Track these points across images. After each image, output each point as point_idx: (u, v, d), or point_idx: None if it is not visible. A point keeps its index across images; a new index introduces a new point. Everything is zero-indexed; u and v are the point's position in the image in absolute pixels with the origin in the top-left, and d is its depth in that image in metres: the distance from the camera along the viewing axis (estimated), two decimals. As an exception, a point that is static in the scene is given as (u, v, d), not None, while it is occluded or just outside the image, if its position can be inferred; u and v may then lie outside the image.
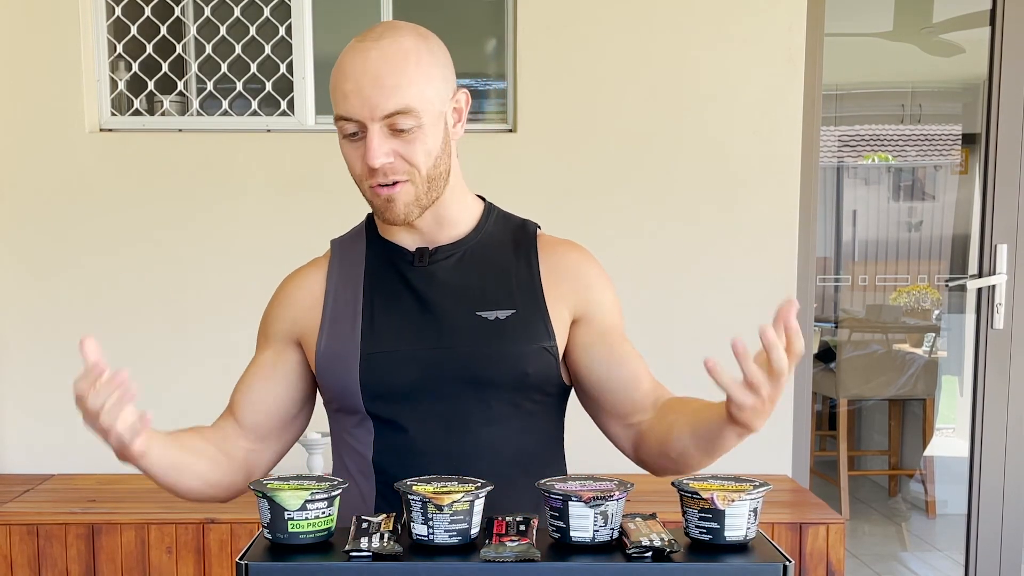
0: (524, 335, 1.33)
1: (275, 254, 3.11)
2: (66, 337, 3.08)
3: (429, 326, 1.33)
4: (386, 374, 1.32)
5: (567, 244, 1.43)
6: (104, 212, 3.00)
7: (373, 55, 1.25)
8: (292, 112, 3.05)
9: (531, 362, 1.33)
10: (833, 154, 6.06)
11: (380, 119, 1.24)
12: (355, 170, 1.31)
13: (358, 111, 1.25)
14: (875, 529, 4.31)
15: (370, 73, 1.24)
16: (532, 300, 1.36)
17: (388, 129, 1.25)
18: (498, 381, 1.32)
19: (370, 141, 1.25)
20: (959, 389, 4.57)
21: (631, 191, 3.02)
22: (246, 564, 1.02)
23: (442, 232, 1.38)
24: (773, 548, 1.08)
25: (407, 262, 1.37)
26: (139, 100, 3.09)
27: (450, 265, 1.37)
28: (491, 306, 1.34)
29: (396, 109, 1.24)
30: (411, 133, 1.26)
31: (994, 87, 3.08)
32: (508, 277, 1.37)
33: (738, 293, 3.02)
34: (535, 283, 1.37)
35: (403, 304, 1.35)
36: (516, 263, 1.38)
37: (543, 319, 1.35)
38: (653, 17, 2.98)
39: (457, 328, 1.33)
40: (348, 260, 1.41)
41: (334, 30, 3.13)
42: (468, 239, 1.39)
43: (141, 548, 2.54)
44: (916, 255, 6.09)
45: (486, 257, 1.38)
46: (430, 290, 1.35)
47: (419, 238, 1.38)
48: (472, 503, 1.05)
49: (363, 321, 1.35)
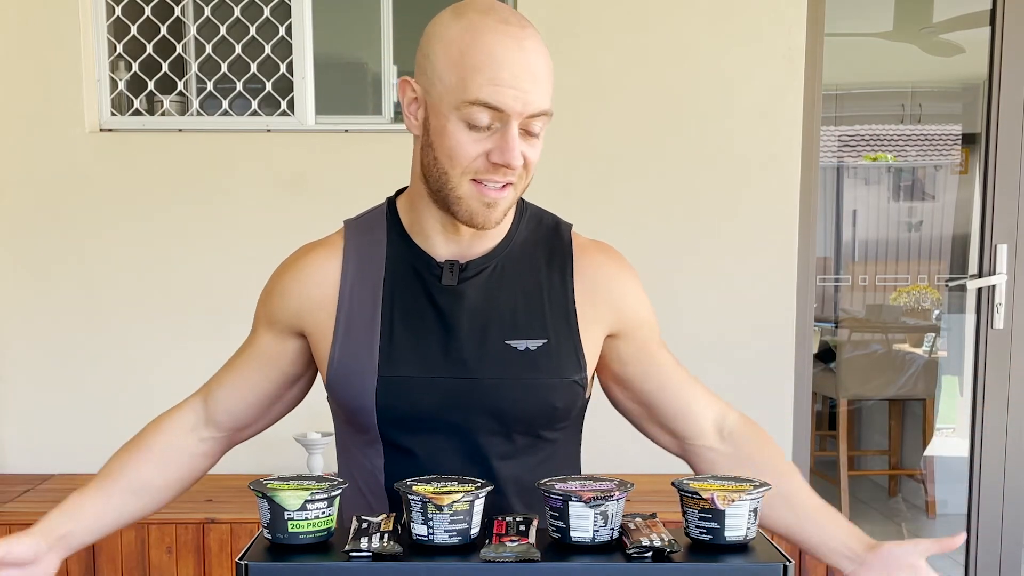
0: (555, 369, 1.24)
1: (275, 254, 3.11)
2: (66, 337, 3.10)
3: (454, 352, 1.23)
4: (404, 401, 1.23)
5: (603, 253, 1.33)
6: (104, 212, 3.00)
7: (529, 45, 1.15)
8: (292, 112, 3.05)
9: (560, 396, 1.25)
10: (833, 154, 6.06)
11: (525, 117, 1.15)
12: (464, 160, 1.17)
13: (510, 103, 1.13)
14: (875, 529, 4.31)
15: (530, 68, 1.15)
16: (565, 327, 1.26)
17: (522, 128, 1.17)
18: (524, 416, 1.25)
19: (512, 138, 1.14)
20: (959, 389, 4.57)
21: (631, 190, 3.02)
22: (246, 564, 1.02)
23: (479, 242, 1.27)
24: (773, 548, 1.08)
25: (434, 276, 1.26)
26: (139, 100, 3.09)
27: (479, 283, 1.26)
28: (522, 334, 1.24)
29: (541, 110, 1.16)
30: (538, 138, 1.19)
31: (994, 87, 3.08)
32: (540, 298, 1.27)
33: (738, 293, 3.02)
34: (569, 306, 1.27)
35: (426, 324, 1.25)
36: (549, 280, 1.28)
37: (576, 350, 1.27)
38: (653, 17, 2.98)
39: (484, 357, 1.23)
40: (366, 254, 1.29)
41: (334, 30, 3.13)
42: (499, 249, 1.28)
43: (141, 548, 2.54)
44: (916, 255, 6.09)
45: (518, 273, 1.28)
46: (457, 312, 1.24)
47: (454, 248, 1.26)
48: (472, 503, 1.05)
49: (382, 337, 1.24)
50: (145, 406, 3.38)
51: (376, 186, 3.31)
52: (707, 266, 3.03)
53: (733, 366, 2.99)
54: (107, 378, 3.03)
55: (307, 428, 2.72)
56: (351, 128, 3.03)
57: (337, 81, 3.17)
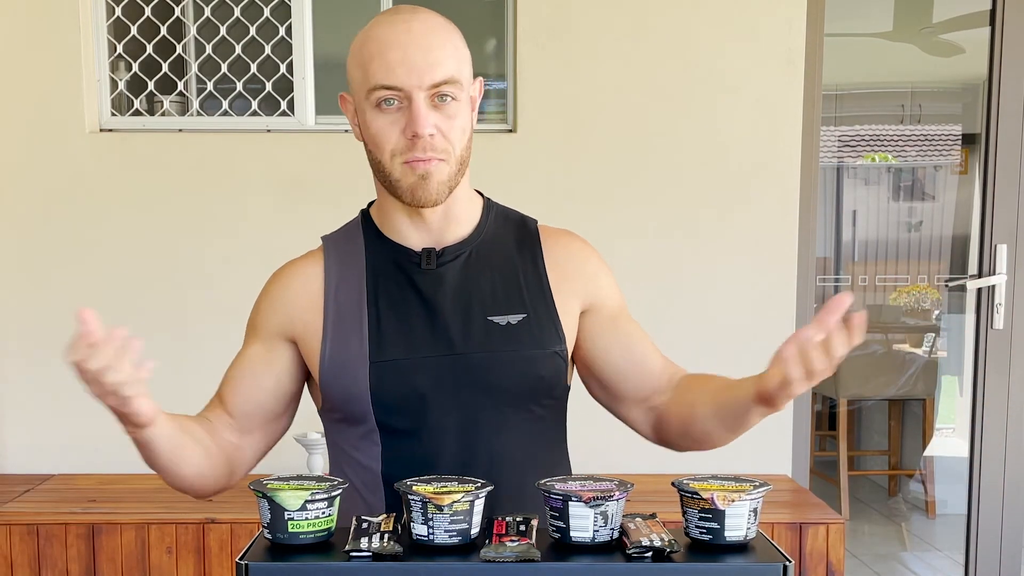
0: (537, 340, 1.32)
1: (275, 254, 3.11)
2: (66, 337, 3.08)
3: (440, 332, 1.30)
4: (397, 383, 1.29)
5: (568, 235, 1.43)
6: (104, 212, 3.00)
7: (416, 26, 1.25)
8: (292, 112, 3.05)
9: (544, 367, 1.32)
10: (833, 154, 6.06)
11: (427, 88, 1.23)
12: (387, 143, 1.27)
13: (404, 79, 1.23)
14: (875, 529, 4.31)
15: (418, 42, 1.24)
16: (542, 302, 1.35)
17: (430, 101, 1.24)
18: (512, 388, 1.30)
19: (417, 108, 1.23)
20: (959, 389, 4.57)
21: (631, 191, 3.02)
22: (246, 564, 1.02)
23: (448, 230, 1.35)
24: (773, 548, 1.08)
25: (413, 263, 1.33)
26: (139, 100, 3.09)
27: (457, 267, 1.34)
28: (502, 310, 1.32)
29: (444, 78, 1.24)
30: (452, 107, 1.26)
31: (994, 87, 3.08)
32: (516, 278, 1.35)
33: (738, 293, 3.02)
34: (543, 283, 1.36)
35: (411, 309, 1.31)
36: (522, 262, 1.37)
37: (554, 322, 1.34)
38: (653, 17, 2.98)
39: (469, 334, 1.30)
40: (346, 258, 1.37)
41: (334, 30, 3.13)
42: (472, 238, 1.36)
43: (141, 548, 2.54)
44: (916, 255, 6.09)
45: (492, 257, 1.36)
46: (439, 294, 1.32)
47: (426, 236, 1.34)
48: (472, 503, 1.05)
49: (370, 326, 1.31)
50: (145, 406, 3.36)
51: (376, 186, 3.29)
52: (707, 266, 3.03)
53: (733, 366, 2.97)
54: (107, 378, 3.02)
55: (307, 428, 2.72)
56: (351, 128, 3.03)
57: (337, 81, 3.16)
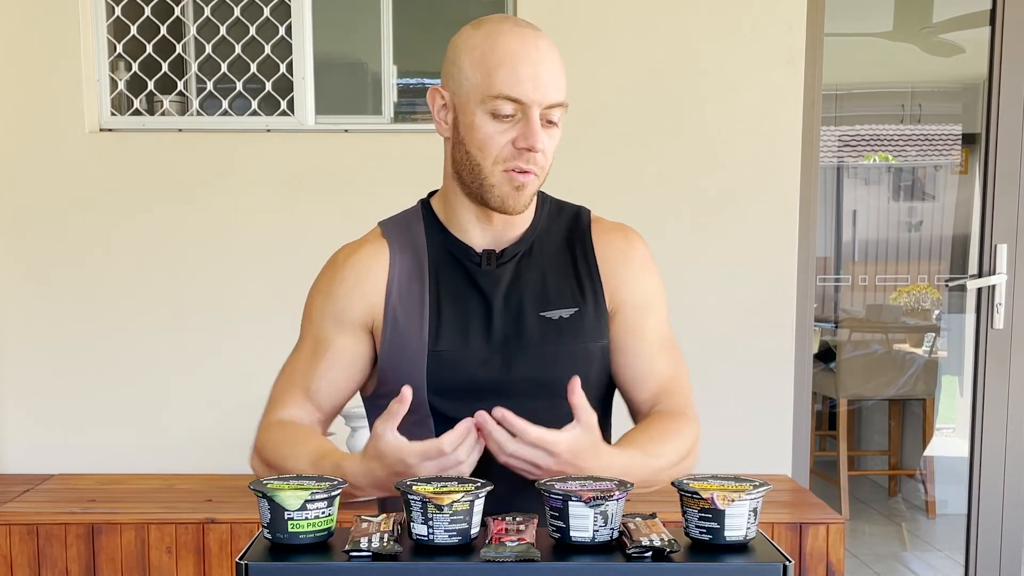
0: (586, 334, 1.37)
1: (275, 254, 3.13)
2: (66, 337, 3.10)
3: (496, 326, 1.36)
4: (453, 372, 1.34)
5: (616, 231, 1.46)
6: (104, 212, 3.00)
7: (543, 44, 1.30)
8: (292, 112, 3.05)
9: (594, 360, 1.37)
10: (833, 154, 6.06)
11: (545, 106, 1.29)
12: (493, 150, 1.31)
13: (530, 94, 1.27)
14: (875, 529, 4.31)
15: (547, 61, 1.29)
16: (592, 296, 1.39)
17: (542, 118, 1.30)
18: (564, 381, 1.30)
19: (535, 124, 1.28)
20: (959, 389, 4.58)
21: (631, 191, 3.02)
22: (246, 564, 1.02)
23: (509, 229, 1.40)
24: (773, 548, 1.08)
25: (474, 263, 1.39)
26: (139, 100, 3.09)
27: (513, 266, 1.39)
28: (554, 305, 1.37)
29: (559, 101, 1.30)
30: (554, 129, 1.32)
31: (994, 87, 3.08)
32: (568, 273, 1.40)
33: (738, 293, 3.02)
34: (594, 277, 1.41)
35: (469, 302, 1.37)
36: (574, 257, 1.42)
37: (603, 316, 1.39)
38: (653, 17, 2.98)
39: (523, 329, 1.36)
40: (408, 246, 1.41)
41: (334, 30, 3.13)
42: (527, 235, 1.41)
43: (141, 548, 2.54)
44: (916, 255, 6.09)
45: (545, 252, 1.41)
46: (497, 291, 1.37)
47: (488, 235, 1.39)
48: (472, 503, 1.05)
49: (431, 315, 1.36)
50: (146, 404, 3.40)
51: (376, 186, 3.32)
52: (707, 266, 3.03)
53: (733, 366, 2.99)
54: (107, 378, 3.03)
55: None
56: (351, 128, 3.03)
57: (337, 81, 3.17)
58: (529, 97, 1.28)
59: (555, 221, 1.44)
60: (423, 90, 3.18)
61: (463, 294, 1.37)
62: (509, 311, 1.36)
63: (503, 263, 1.39)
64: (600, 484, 1.10)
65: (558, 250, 1.42)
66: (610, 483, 1.10)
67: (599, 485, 1.09)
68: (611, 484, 1.10)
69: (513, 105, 1.28)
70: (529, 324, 1.36)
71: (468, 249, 1.39)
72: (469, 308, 1.37)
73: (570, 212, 1.47)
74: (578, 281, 1.40)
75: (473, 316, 1.36)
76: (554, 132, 1.32)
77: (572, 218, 1.46)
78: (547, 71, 1.28)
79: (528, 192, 1.33)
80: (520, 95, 1.27)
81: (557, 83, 1.30)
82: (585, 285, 1.40)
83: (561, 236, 1.43)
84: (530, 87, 1.27)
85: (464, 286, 1.38)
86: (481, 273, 1.38)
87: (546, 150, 1.32)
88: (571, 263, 1.41)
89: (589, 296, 1.39)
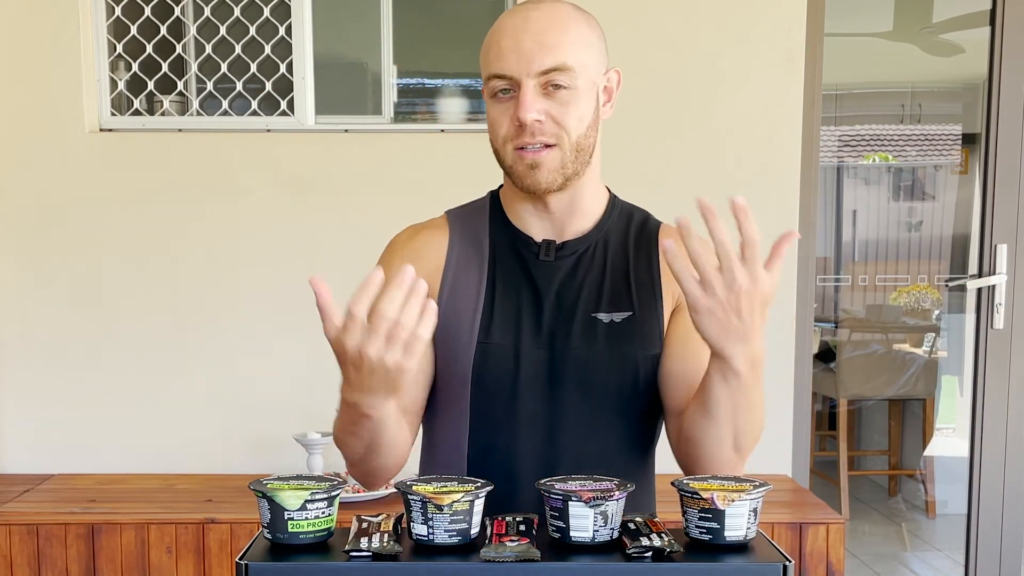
0: (640, 340, 1.32)
1: (275, 254, 3.13)
2: (65, 337, 3.10)
3: (546, 324, 1.32)
4: (498, 367, 1.31)
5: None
6: (104, 212, 3.00)
7: (535, 14, 1.26)
8: (292, 112, 3.05)
9: (642, 368, 1.32)
10: (833, 154, 6.07)
11: (536, 75, 1.24)
12: (500, 131, 1.29)
13: (513, 66, 1.24)
14: (875, 529, 4.31)
15: (531, 30, 1.25)
16: (650, 303, 1.35)
17: (542, 88, 1.25)
18: (607, 386, 1.31)
19: (523, 96, 1.24)
20: (959, 389, 4.58)
21: (630, 190, 2.99)
22: (246, 564, 1.02)
23: (571, 223, 1.36)
24: (773, 548, 1.08)
25: (532, 253, 1.36)
26: (139, 100, 3.09)
27: (572, 262, 1.36)
28: (608, 307, 1.33)
29: (553, 65, 1.24)
30: (565, 94, 1.26)
31: (994, 87, 3.08)
32: (626, 276, 1.36)
33: (738, 293, 3.01)
34: (655, 284, 1.36)
35: (522, 296, 1.34)
36: (636, 261, 1.37)
37: (659, 324, 1.34)
38: (653, 17, 2.98)
39: (572, 329, 1.32)
40: (470, 236, 1.39)
41: (334, 30, 3.13)
42: (592, 235, 1.37)
43: (141, 548, 2.54)
44: (916, 255, 6.10)
45: (607, 254, 1.37)
46: (550, 286, 1.34)
47: (548, 226, 1.36)
48: (472, 503, 1.05)
49: (483, 306, 1.33)
50: (146, 404, 3.39)
51: (376, 185, 3.31)
52: (707, 266, 3.02)
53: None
54: (107, 378, 3.03)
55: (307, 428, 2.72)
56: (351, 128, 3.03)
57: (337, 81, 3.17)
58: (513, 69, 1.24)
59: (623, 223, 1.41)
60: (423, 90, 3.18)
61: (517, 287, 1.34)
62: (560, 307, 1.33)
63: (563, 256, 1.35)
64: (600, 484, 1.10)
65: (621, 252, 1.38)
66: (610, 483, 1.10)
67: (599, 485, 1.09)
68: (611, 484, 1.10)
69: (504, 81, 1.25)
70: (578, 323, 1.32)
71: (528, 239, 1.36)
72: (521, 302, 1.33)
73: (640, 217, 1.43)
74: (638, 286, 1.35)
75: (524, 311, 1.33)
76: (567, 96, 1.26)
77: (640, 222, 1.42)
78: (531, 39, 1.24)
79: (547, 167, 1.28)
80: (503, 69, 1.25)
81: (545, 48, 1.24)
82: (644, 291, 1.35)
83: (627, 238, 1.39)
84: (513, 59, 1.24)
85: (519, 278, 1.35)
86: (538, 264, 1.35)
87: (557, 117, 1.26)
88: (633, 267, 1.36)
89: (647, 302, 1.34)
